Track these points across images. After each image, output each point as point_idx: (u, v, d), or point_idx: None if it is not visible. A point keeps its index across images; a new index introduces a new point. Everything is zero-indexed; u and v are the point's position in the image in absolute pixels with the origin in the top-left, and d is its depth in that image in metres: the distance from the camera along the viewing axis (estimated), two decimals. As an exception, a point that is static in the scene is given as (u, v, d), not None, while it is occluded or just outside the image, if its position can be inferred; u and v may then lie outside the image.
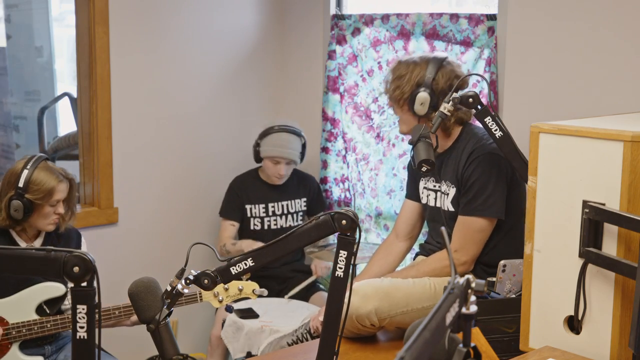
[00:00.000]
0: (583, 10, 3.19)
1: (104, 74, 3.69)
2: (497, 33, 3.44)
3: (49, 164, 2.89)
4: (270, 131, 3.92)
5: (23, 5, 5.98)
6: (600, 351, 2.09)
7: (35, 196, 2.80)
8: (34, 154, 2.92)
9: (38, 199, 2.81)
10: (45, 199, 2.82)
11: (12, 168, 2.88)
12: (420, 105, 2.83)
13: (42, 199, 2.82)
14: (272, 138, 3.89)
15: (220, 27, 4.12)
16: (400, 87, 2.87)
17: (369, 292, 2.64)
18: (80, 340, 1.62)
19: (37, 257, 1.67)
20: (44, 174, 2.83)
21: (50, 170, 2.86)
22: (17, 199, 2.79)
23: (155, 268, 3.83)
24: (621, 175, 2.01)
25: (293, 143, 3.90)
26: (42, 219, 2.87)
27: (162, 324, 1.88)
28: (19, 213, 2.80)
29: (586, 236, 2.07)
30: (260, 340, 3.30)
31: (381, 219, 3.99)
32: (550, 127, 2.19)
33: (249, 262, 1.96)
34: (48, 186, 2.82)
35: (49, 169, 2.86)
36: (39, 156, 2.90)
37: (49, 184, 2.83)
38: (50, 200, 2.84)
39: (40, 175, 2.82)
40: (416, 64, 2.88)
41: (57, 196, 2.86)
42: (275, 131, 3.91)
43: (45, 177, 2.83)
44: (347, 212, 1.94)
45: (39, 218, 2.87)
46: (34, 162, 2.85)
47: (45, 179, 2.82)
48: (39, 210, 2.84)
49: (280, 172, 3.88)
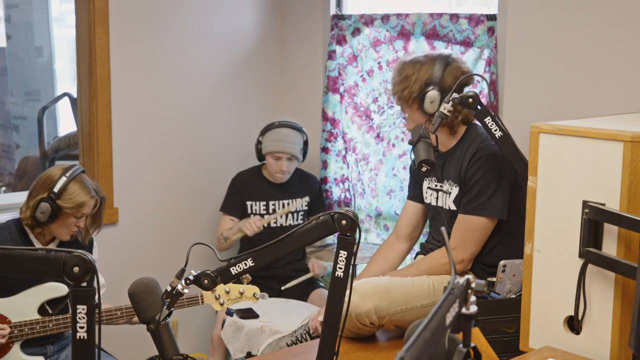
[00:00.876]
0: (583, 10, 3.19)
1: (104, 74, 3.69)
2: (497, 33, 3.44)
3: (85, 177, 2.93)
4: (271, 127, 3.94)
5: (23, 6, 5.99)
6: (600, 351, 2.09)
7: (65, 204, 2.83)
8: (73, 164, 2.96)
9: (67, 208, 2.83)
10: (74, 210, 2.85)
11: (49, 172, 2.91)
12: (431, 104, 2.83)
13: (71, 209, 2.84)
14: (272, 134, 3.91)
15: (220, 27, 4.12)
16: (409, 87, 2.87)
17: (367, 291, 2.64)
18: (80, 340, 1.62)
19: (37, 257, 1.67)
20: (79, 186, 2.86)
21: (85, 184, 2.90)
22: (47, 202, 2.81)
23: (155, 268, 3.83)
24: (621, 176, 2.02)
25: (294, 138, 3.91)
26: (62, 228, 2.90)
27: (162, 324, 1.88)
28: (44, 216, 2.82)
29: (586, 236, 2.07)
30: (260, 340, 3.31)
31: (381, 219, 3.99)
32: (550, 127, 2.19)
33: (249, 262, 1.96)
34: (80, 199, 2.85)
35: (84, 182, 2.90)
36: (78, 167, 2.93)
37: (81, 197, 2.86)
38: (78, 212, 2.87)
39: (75, 186, 2.86)
40: (422, 63, 2.89)
41: (85, 210, 2.89)
42: (275, 127, 3.93)
43: (80, 190, 2.86)
44: (347, 212, 1.94)
45: (60, 226, 2.89)
46: (73, 172, 2.88)
47: (79, 191, 2.86)
48: (63, 218, 2.87)
49: (282, 167, 3.88)
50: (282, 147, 3.86)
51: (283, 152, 3.87)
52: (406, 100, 2.90)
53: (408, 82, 2.88)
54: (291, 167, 3.93)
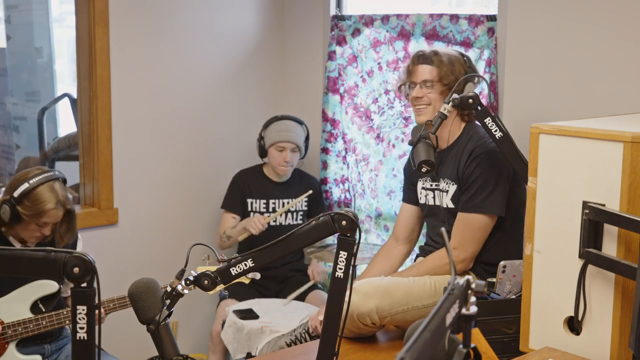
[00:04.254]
0: (583, 10, 3.19)
1: (104, 75, 3.69)
2: (497, 34, 3.44)
3: (56, 186, 2.79)
4: (274, 120, 3.97)
5: (23, 6, 5.98)
6: (600, 352, 2.09)
7: (24, 211, 2.74)
8: (52, 170, 2.85)
9: (25, 215, 2.74)
10: (33, 217, 2.75)
11: (23, 174, 2.82)
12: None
13: (29, 217, 2.75)
14: (275, 126, 3.93)
15: (220, 28, 4.12)
16: (454, 73, 2.87)
17: (369, 291, 2.64)
18: (80, 341, 1.62)
19: (37, 257, 1.67)
20: (44, 193, 2.75)
21: (53, 192, 2.77)
22: (7, 205, 2.75)
23: (155, 269, 3.83)
24: (621, 176, 2.01)
25: (296, 129, 3.94)
26: (25, 232, 2.83)
27: (162, 324, 1.88)
28: (6, 217, 2.76)
29: (586, 237, 2.07)
30: (260, 340, 3.31)
31: (381, 219, 3.99)
32: (550, 127, 2.19)
33: (249, 263, 1.96)
34: (41, 208, 2.74)
35: (52, 191, 2.77)
36: (52, 174, 2.82)
37: (43, 206, 2.74)
38: (38, 220, 2.77)
39: (40, 193, 2.74)
40: (457, 58, 2.93)
41: (46, 219, 2.78)
42: (278, 119, 3.96)
43: (44, 198, 2.74)
44: (347, 213, 1.95)
45: (23, 230, 2.82)
46: (42, 178, 2.77)
47: (42, 199, 2.74)
48: (24, 224, 2.79)
49: (286, 158, 3.88)
50: (286, 136, 3.88)
51: (287, 142, 3.88)
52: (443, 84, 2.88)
53: (453, 68, 2.88)
54: (294, 159, 3.93)
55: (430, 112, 2.90)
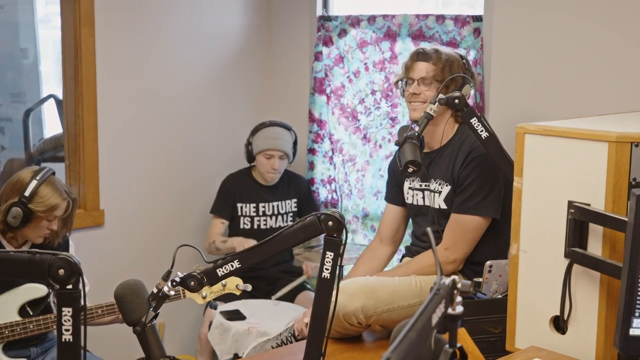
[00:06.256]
0: (569, 11, 3.20)
1: (90, 76, 3.67)
2: (483, 34, 3.45)
3: (55, 180, 2.89)
4: (262, 127, 3.95)
5: (8, 7, 5.96)
6: (586, 351, 2.10)
7: (37, 208, 2.80)
8: (43, 167, 2.92)
9: (39, 212, 2.80)
10: (46, 213, 2.82)
11: (18, 175, 2.87)
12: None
13: (43, 212, 2.81)
14: (263, 132, 3.92)
15: (206, 28, 4.11)
16: (452, 74, 2.84)
17: (354, 290, 2.64)
18: (65, 343, 1.62)
19: (21, 259, 1.67)
20: (50, 188, 2.83)
21: (56, 186, 2.86)
22: (19, 206, 2.78)
23: (142, 270, 3.82)
24: (606, 176, 2.02)
25: (285, 136, 3.93)
26: (35, 231, 2.87)
27: (149, 326, 1.88)
28: (16, 220, 2.79)
29: (571, 236, 2.08)
30: (247, 342, 3.30)
31: (368, 220, 4.00)
32: (536, 127, 2.20)
33: (236, 264, 1.96)
34: (52, 202, 2.82)
35: (55, 185, 2.86)
36: (48, 169, 2.90)
37: (53, 199, 2.83)
38: (50, 215, 2.84)
39: (46, 189, 2.82)
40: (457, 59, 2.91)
41: (57, 213, 2.86)
42: (266, 126, 3.94)
43: (51, 192, 2.83)
44: (333, 214, 1.95)
45: (33, 230, 2.86)
46: (43, 174, 2.85)
47: (51, 194, 2.82)
48: (35, 222, 2.84)
49: (274, 166, 3.88)
50: (274, 144, 3.87)
51: (275, 150, 3.87)
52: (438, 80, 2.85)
53: (451, 66, 2.87)
54: (282, 166, 3.93)
55: (424, 110, 2.90)
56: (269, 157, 3.89)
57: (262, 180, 3.99)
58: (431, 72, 2.88)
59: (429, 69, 2.88)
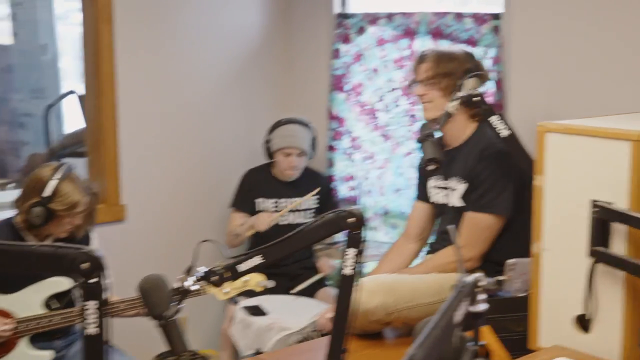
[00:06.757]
0: (588, 8, 3.18)
1: (110, 72, 3.69)
2: (502, 32, 3.44)
3: (74, 176, 2.89)
4: (279, 124, 3.95)
5: (27, 3, 6.00)
6: (611, 350, 2.09)
7: (58, 207, 2.80)
8: (62, 163, 2.92)
9: (61, 210, 2.81)
10: (67, 210, 2.82)
11: (37, 173, 2.86)
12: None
13: (65, 211, 2.81)
14: (280, 130, 3.92)
15: (225, 25, 4.12)
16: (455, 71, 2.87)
17: (373, 288, 2.64)
18: (90, 337, 1.63)
19: (45, 253, 1.68)
20: (70, 186, 2.83)
21: (76, 182, 2.86)
22: (40, 206, 2.79)
23: (164, 265, 3.81)
24: (629, 175, 2.02)
25: (302, 133, 3.92)
26: (58, 227, 2.88)
27: (171, 320, 1.89)
28: (39, 219, 2.80)
29: (595, 235, 2.07)
30: (269, 337, 3.30)
31: (388, 217, 4.00)
32: (557, 126, 2.19)
33: (258, 259, 1.97)
34: (73, 199, 2.82)
35: (75, 181, 2.86)
36: (67, 166, 2.89)
37: (74, 197, 2.82)
38: (71, 212, 2.84)
39: (67, 187, 2.82)
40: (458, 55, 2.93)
41: (78, 209, 2.85)
42: (283, 123, 3.94)
43: (72, 190, 2.82)
44: (354, 210, 1.95)
45: (56, 227, 2.87)
46: (62, 172, 2.84)
47: (71, 192, 2.82)
48: (58, 220, 2.85)
49: (292, 163, 3.88)
50: (292, 142, 3.87)
51: (293, 148, 3.87)
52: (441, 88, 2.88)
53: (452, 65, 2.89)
54: (301, 163, 3.93)
55: (433, 110, 2.91)
56: (287, 154, 3.89)
57: (281, 177, 3.99)
58: (430, 71, 2.92)
59: (427, 69, 2.92)
